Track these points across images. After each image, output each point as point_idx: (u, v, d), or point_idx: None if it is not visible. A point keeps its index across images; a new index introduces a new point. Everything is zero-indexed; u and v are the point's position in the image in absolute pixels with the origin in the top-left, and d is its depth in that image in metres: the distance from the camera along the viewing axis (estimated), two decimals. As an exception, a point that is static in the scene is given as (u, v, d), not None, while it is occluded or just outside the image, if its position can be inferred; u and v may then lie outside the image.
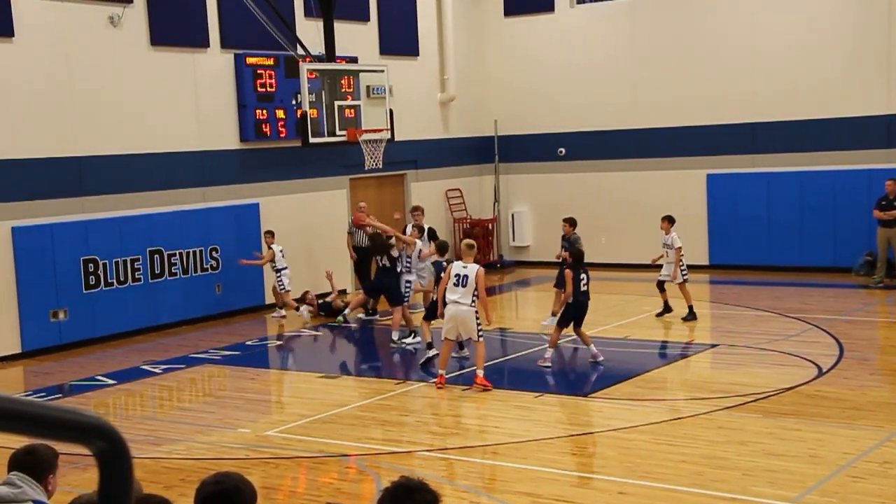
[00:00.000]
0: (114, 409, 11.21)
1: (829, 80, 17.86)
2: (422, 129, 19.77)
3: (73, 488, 6.50)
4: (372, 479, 8.40)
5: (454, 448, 9.05)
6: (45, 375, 12.90)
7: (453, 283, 11.01)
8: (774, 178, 18.42)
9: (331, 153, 17.16)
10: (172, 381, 12.37)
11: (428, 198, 19.52)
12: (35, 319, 13.86)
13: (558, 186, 20.64)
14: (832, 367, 11.32)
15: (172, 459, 8.97)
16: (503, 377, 11.74)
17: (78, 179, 14.49)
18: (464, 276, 10.99)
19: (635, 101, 19.66)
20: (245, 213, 16.52)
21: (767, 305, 15.27)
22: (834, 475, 7.82)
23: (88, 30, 14.49)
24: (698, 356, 12.31)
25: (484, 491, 7.93)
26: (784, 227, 18.37)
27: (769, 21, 18.33)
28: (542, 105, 20.60)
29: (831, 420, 9.30)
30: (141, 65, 15.15)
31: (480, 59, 21.20)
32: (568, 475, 8.10)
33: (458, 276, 11.00)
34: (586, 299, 12.07)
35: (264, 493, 7.89)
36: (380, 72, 15.09)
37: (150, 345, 14.45)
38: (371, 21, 18.82)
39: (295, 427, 9.92)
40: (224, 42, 16.22)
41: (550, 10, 20.47)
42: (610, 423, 9.57)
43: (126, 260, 14.89)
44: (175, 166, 15.69)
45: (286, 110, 16.80)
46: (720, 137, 18.92)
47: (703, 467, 8.10)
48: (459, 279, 10.99)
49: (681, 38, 19.16)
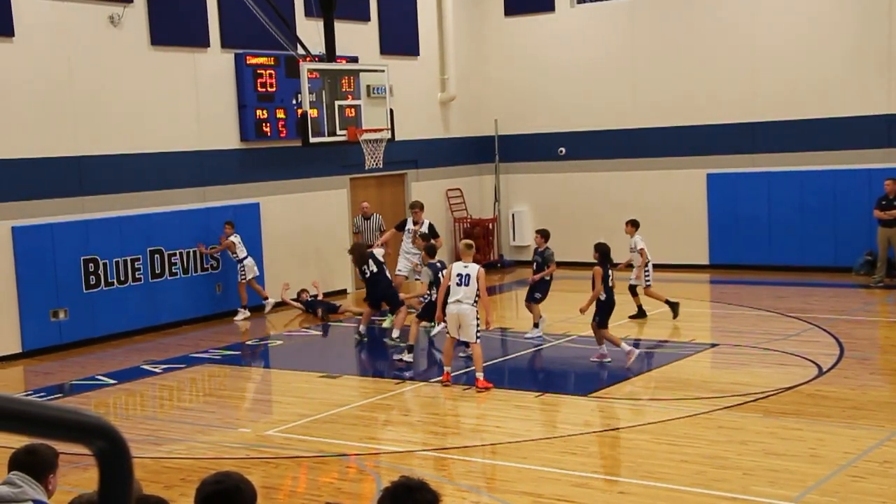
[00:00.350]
0: (114, 408, 11.21)
1: (829, 79, 17.86)
2: (422, 128, 19.77)
3: (74, 488, 6.50)
4: (372, 479, 8.40)
5: (455, 448, 9.05)
6: (45, 375, 12.90)
7: (456, 283, 11.06)
8: (775, 178, 18.42)
9: (331, 153, 17.16)
10: (173, 380, 12.37)
11: (428, 197, 19.51)
12: (35, 319, 13.85)
13: (558, 186, 20.64)
14: (832, 366, 11.31)
15: (173, 459, 8.96)
16: (503, 377, 11.74)
17: (78, 179, 14.49)
18: (466, 276, 11.07)
19: (635, 101, 19.66)
20: (245, 213, 16.51)
21: (768, 305, 15.27)
22: (834, 475, 7.82)
23: (89, 29, 14.49)
24: (699, 356, 12.31)
25: (485, 490, 7.93)
26: (784, 226, 18.36)
27: (769, 21, 18.33)
28: (542, 105, 20.60)
29: (832, 419, 9.30)
30: (141, 64, 15.15)
31: (481, 59, 21.20)
32: (569, 475, 8.10)
33: (461, 275, 11.08)
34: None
35: (264, 492, 7.89)
36: (380, 71, 15.09)
37: (151, 344, 14.45)
38: (371, 21, 18.82)
39: (295, 427, 9.92)
40: (224, 42, 16.23)
41: (551, 9, 20.47)
42: (611, 422, 9.56)
43: (126, 260, 14.89)
44: (175, 166, 15.69)
45: (286, 110, 16.80)
46: (720, 137, 18.92)
47: (704, 467, 8.10)
48: (462, 279, 11.06)
49: (681, 38, 19.16)
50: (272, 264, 16.90)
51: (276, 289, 16.74)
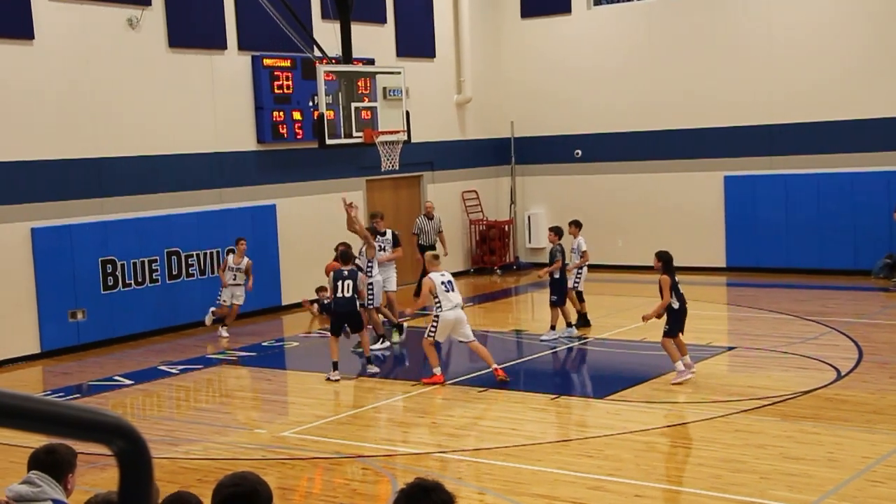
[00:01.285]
0: (131, 409, 11.27)
1: (847, 81, 17.75)
2: (438, 130, 19.78)
3: (91, 488, 6.53)
4: (388, 481, 8.41)
5: (470, 450, 9.04)
6: (63, 375, 12.98)
7: (444, 290, 11.35)
8: (792, 180, 18.32)
9: (347, 155, 17.19)
10: (189, 381, 12.42)
11: (444, 199, 19.54)
12: (54, 320, 13.95)
13: (575, 188, 20.60)
14: (851, 370, 11.24)
15: (189, 460, 9.00)
16: (519, 379, 11.73)
17: (97, 181, 14.58)
18: (450, 282, 11.49)
19: (652, 103, 19.59)
20: (262, 215, 16.57)
21: (786, 308, 15.19)
22: (853, 479, 7.76)
23: (107, 32, 14.58)
24: (716, 358, 12.25)
25: (500, 493, 7.91)
26: (802, 229, 18.26)
27: (787, 22, 18.23)
28: (558, 107, 20.57)
29: (850, 424, 9.23)
30: (159, 67, 15.23)
31: (497, 61, 21.20)
32: (584, 478, 8.07)
33: (444, 283, 11.41)
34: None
35: (280, 493, 7.91)
36: (396, 73, 15.11)
37: (168, 345, 14.51)
38: (388, 23, 18.85)
39: (311, 428, 9.94)
40: (241, 44, 16.30)
41: (567, 11, 20.44)
42: (626, 425, 9.53)
43: (144, 261, 14.97)
44: (192, 168, 15.77)
45: (303, 112, 16.85)
46: (737, 139, 18.83)
47: (721, 470, 8.06)
48: (448, 285, 11.42)
49: (698, 40, 19.09)
50: (288, 265, 16.94)
51: (292, 290, 16.77)
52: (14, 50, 13.60)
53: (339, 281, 11.85)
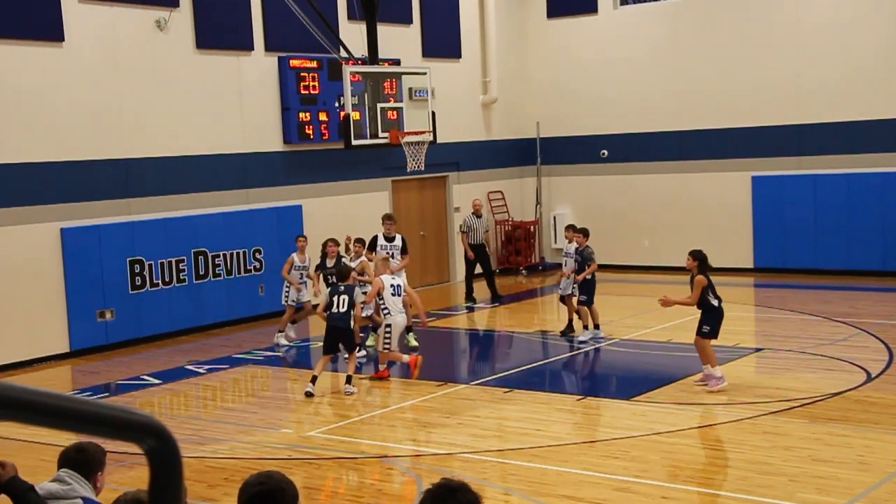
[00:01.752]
0: (159, 408, 11.35)
1: (875, 81, 17.57)
2: (464, 131, 19.78)
3: (120, 486, 6.59)
4: (413, 481, 8.42)
5: (495, 450, 9.03)
6: (92, 374, 13.11)
7: (391, 294, 11.67)
8: (821, 180, 18.16)
9: (373, 155, 17.23)
10: (216, 381, 12.50)
11: (470, 200, 19.51)
12: (83, 319, 14.08)
13: (600, 189, 20.53)
14: (881, 372, 11.12)
15: (216, 459, 9.05)
16: (545, 380, 11.70)
17: (125, 181, 14.71)
18: (398, 286, 11.82)
19: (679, 103, 19.48)
20: (288, 215, 16.64)
21: (814, 309, 15.05)
22: (883, 483, 7.68)
23: (136, 34, 14.71)
24: (743, 360, 12.16)
25: (525, 493, 7.90)
26: (831, 229, 18.08)
27: (815, 21, 18.07)
28: (584, 107, 20.51)
29: (880, 426, 9.13)
30: (186, 68, 15.35)
31: (523, 61, 21.16)
32: (610, 479, 8.04)
33: (393, 286, 11.74)
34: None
35: (306, 493, 7.94)
36: (422, 74, 15.12)
37: (195, 345, 14.61)
38: (414, 23, 18.87)
39: (337, 428, 9.97)
40: (268, 45, 16.38)
41: (594, 11, 20.37)
42: (653, 426, 9.48)
43: (171, 261, 15.08)
44: (219, 168, 15.87)
45: (329, 112, 16.91)
46: (765, 139, 18.69)
47: (748, 472, 8.00)
48: (396, 289, 11.75)
49: (725, 39, 18.96)
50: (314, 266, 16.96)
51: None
52: (44, 52, 13.75)
53: (336, 296, 11.49)
